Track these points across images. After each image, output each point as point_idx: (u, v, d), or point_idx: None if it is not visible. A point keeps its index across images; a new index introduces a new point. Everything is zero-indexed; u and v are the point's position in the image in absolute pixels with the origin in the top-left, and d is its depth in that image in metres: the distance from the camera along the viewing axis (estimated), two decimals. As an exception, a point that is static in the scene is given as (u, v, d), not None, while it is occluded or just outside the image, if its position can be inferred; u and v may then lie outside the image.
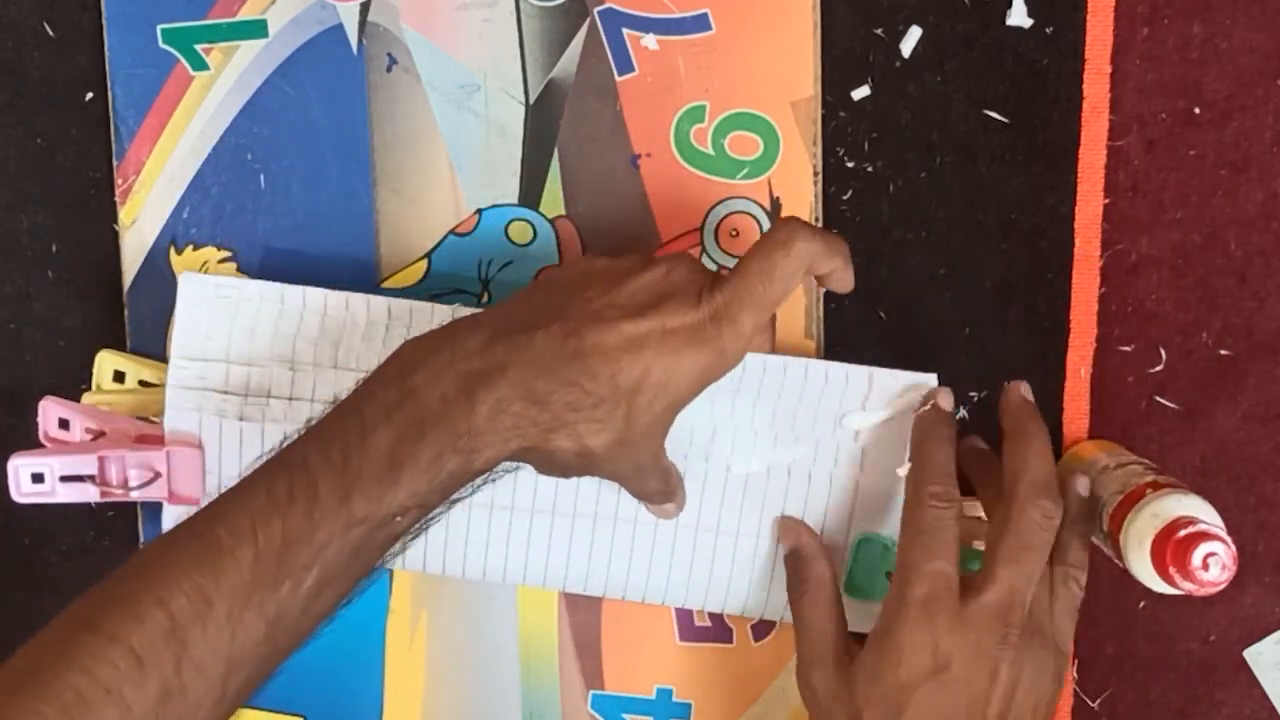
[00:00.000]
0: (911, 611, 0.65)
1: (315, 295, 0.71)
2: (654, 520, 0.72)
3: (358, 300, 0.71)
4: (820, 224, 0.73)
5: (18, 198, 0.75)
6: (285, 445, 0.62)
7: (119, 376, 0.74)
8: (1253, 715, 0.76)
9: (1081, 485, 0.69)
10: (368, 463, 0.59)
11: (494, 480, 0.64)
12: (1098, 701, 0.76)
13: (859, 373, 0.70)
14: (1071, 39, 0.71)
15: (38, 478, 0.69)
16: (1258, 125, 0.72)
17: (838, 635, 0.68)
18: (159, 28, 0.73)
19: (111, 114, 0.73)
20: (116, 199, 0.74)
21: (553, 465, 0.63)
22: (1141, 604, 0.75)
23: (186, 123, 0.73)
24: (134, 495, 0.70)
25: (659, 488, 0.68)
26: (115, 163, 0.74)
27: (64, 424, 0.71)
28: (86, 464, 0.69)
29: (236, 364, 0.71)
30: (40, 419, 0.71)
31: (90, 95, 0.74)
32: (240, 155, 0.74)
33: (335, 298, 0.71)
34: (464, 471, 0.61)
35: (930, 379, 0.70)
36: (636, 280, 0.63)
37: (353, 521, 0.59)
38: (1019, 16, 0.71)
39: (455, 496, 0.62)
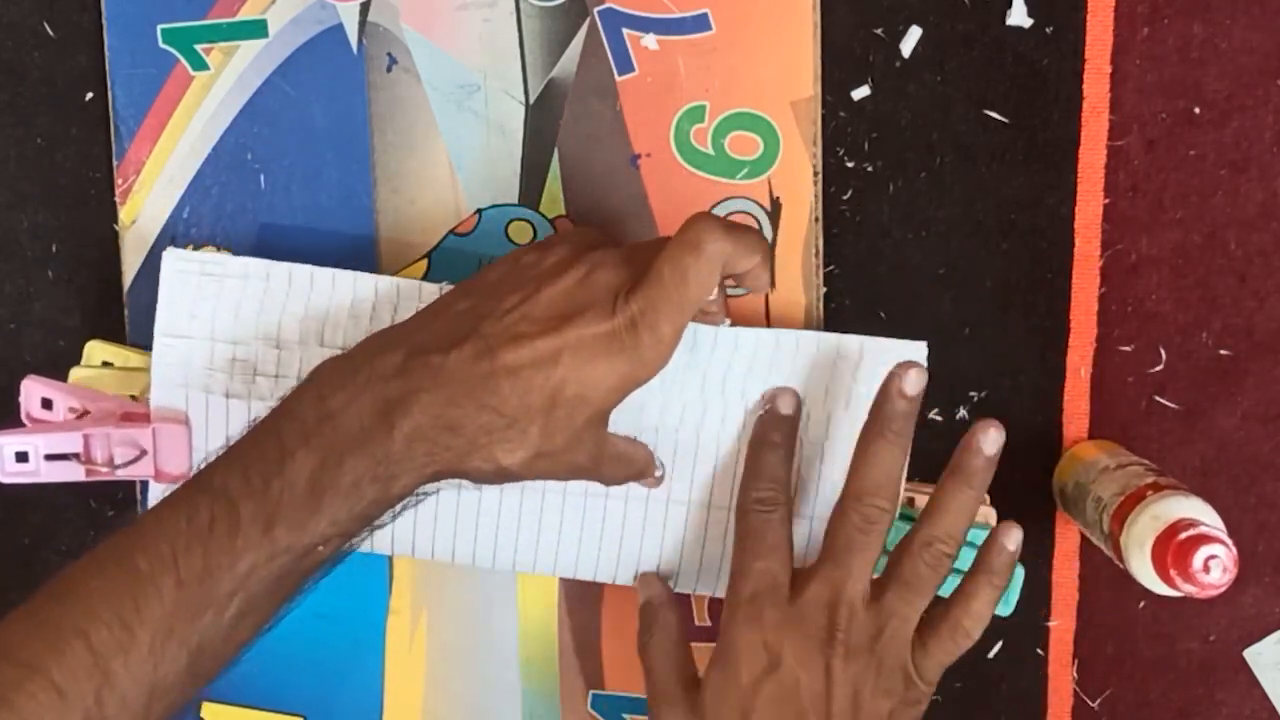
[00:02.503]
0: (740, 612, 0.66)
1: (301, 272, 0.70)
2: (630, 496, 0.72)
3: (344, 278, 0.70)
4: (820, 224, 0.73)
5: (18, 198, 0.75)
6: (203, 467, 0.61)
7: (107, 367, 0.73)
8: (1253, 715, 0.76)
9: (1010, 539, 0.67)
10: (289, 490, 0.59)
11: (414, 506, 0.64)
12: (1098, 701, 0.76)
13: (851, 342, 0.70)
14: (1071, 39, 0.71)
15: (22, 456, 0.68)
16: (1258, 125, 0.72)
17: (682, 672, 0.68)
18: (159, 28, 0.73)
19: (111, 114, 0.73)
20: (116, 199, 0.74)
21: (475, 482, 0.63)
22: (1141, 604, 0.75)
23: (186, 123, 0.73)
24: (120, 474, 0.70)
25: (619, 475, 0.68)
26: (115, 163, 0.74)
27: (47, 404, 0.70)
28: (71, 442, 0.69)
29: (221, 341, 0.70)
30: (23, 398, 0.70)
31: (90, 95, 0.74)
32: (240, 155, 0.74)
33: (322, 275, 0.70)
34: (383, 498, 0.61)
35: (920, 348, 0.70)
36: (554, 287, 0.63)
37: (276, 551, 0.59)
38: (1019, 16, 0.71)
39: (377, 524, 0.62)
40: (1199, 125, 0.72)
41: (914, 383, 0.66)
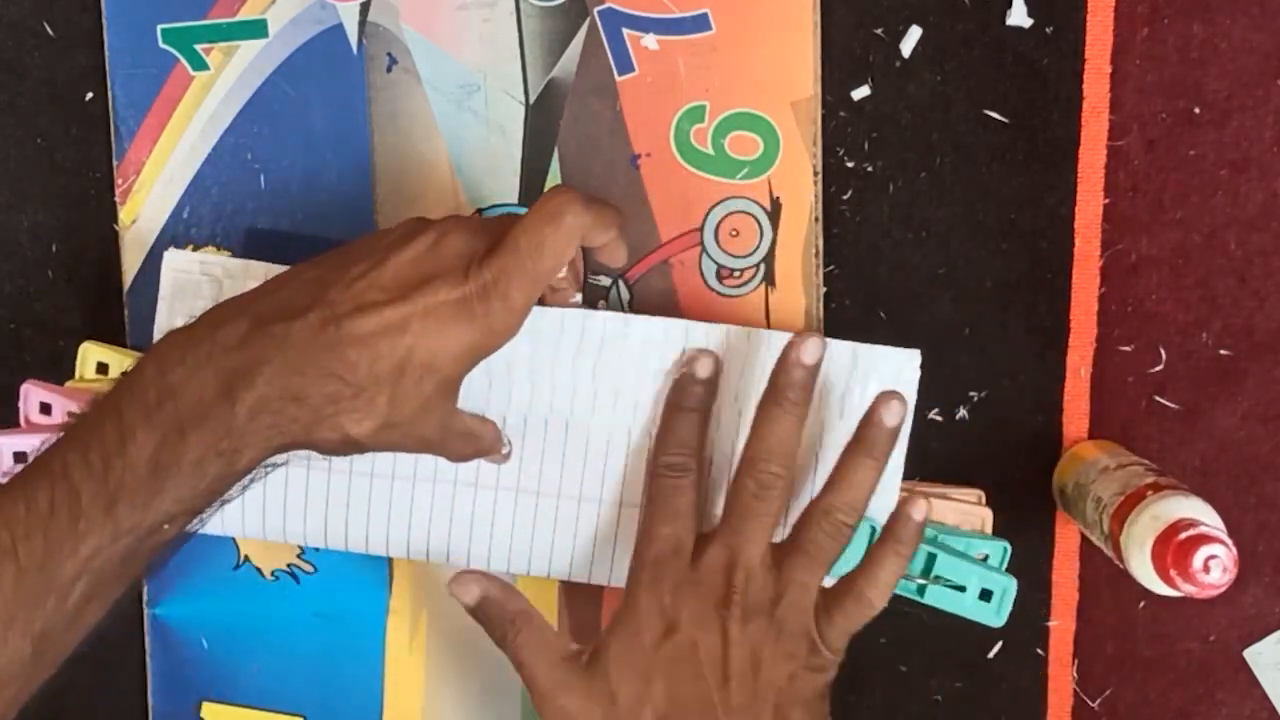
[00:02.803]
0: (643, 576, 0.66)
1: None
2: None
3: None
4: (820, 224, 0.73)
5: (18, 198, 0.75)
6: (45, 449, 0.60)
7: (103, 369, 0.73)
8: (1253, 715, 0.76)
9: (917, 510, 0.66)
10: (130, 470, 0.58)
11: (262, 479, 0.63)
12: (1098, 701, 0.76)
13: (842, 348, 0.70)
14: (1071, 39, 0.71)
15: (20, 457, 0.68)
16: (1258, 125, 0.72)
17: (564, 653, 0.67)
18: (159, 28, 0.73)
19: (111, 114, 0.73)
20: (116, 199, 0.74)
21: (323, 453, 0.63)
22: (1141, 604, 0.75)
23: (186, 123, 0.73)
24: None
25: (465, 451, 0.68)
26: (115, 163, 0.74)
27: (46, 409, 0.70)
28: None
29: None
30: (22, 403, 0.70)
31: (90, 95, 0.74)
32: (240, 155, 0.74)
33: None
34: (228, 473, 0.60)
35: (913, 355, 0.70)
36: (402, 254, 0.62)
37: (119, 532, 0.58)
38: (1019, 16, 0.71)
39: (225, 498, 0.61)
40: (1199, 125, 0.72)
41: (811, 351, 0.66)
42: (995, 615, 0.70)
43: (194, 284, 0.71)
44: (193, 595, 0.76)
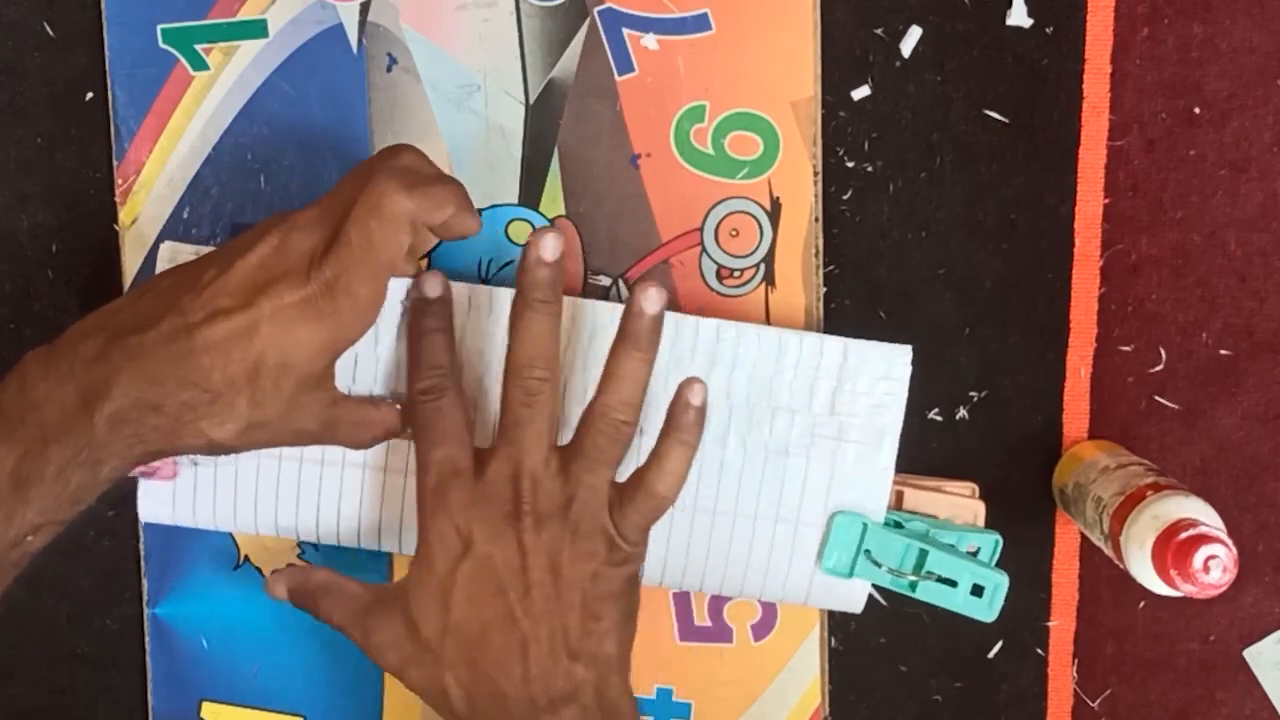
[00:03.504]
0: (428, 502, 0.66)
1: None
2: None
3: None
4: (820, 224, 0.73)
5: (18, 198, 0.75)
6: None
7: None
8: (1253, 715, 0.76)
9: (695, 395, 0.66)
10: None
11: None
12: (1098, 701, 0.76)
13: (834, 344, 0.70)
14: (1071, 39, 0.71)
15: None
16: (1258, 125, 0.72)
17: (366, 599, 0.67)
18: (159, 28, 0.73)
19: (111, 114, 0.73)
20: (116, 199, 0.74)
21: (197, 455, 0.63)
22: (1141, 604, 0.75)
23: (186, 123, 0.73)
24: None
25: (362, 438, 0.68)
26: (115, 163, 0.74)
27: None
28: None
29: None
30: None
31: (90, 95, 0.74)
32: (240, 155, 0.74)
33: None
34: (91, 483, 0.61)
35: (905, 351, 0.70)
36: (248, 259, 0.62)
37: None
38: (1019, 16, 0.71)
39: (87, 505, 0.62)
40: (1199, 125, 0.72)
41: (551, 247, 0.65)
42: (987, 610, 0.70)
43: None
44: (193, 595, 0.76)
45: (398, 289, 0.69)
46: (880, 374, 0.70)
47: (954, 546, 0.71)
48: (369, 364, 0.69)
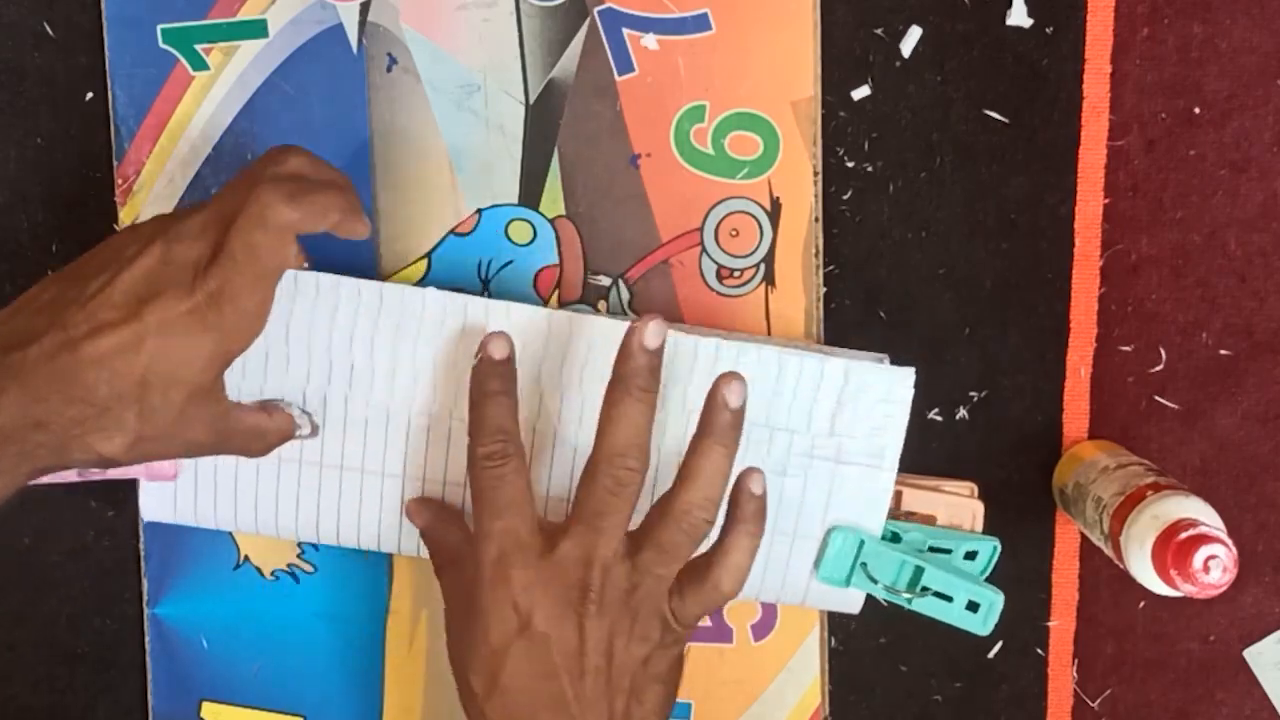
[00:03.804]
0: (487, 574, 0.65)
1: (306, 279, 0.70)
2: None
3: (327, 281, 0.70)
4: (820, 224, 0.73)
5: (18, 198, 0.75)
6: None
7: None
8: (1253, 715, 0.76)
9: (755, 484, 0.66)
10: None
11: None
12: (1098, 701, 0.76)
13: (835, 366, 0.69)
14: (1071, 39, 0.71)
15: None
16: (1258, 125, 0.72)
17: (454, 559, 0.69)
18: (159, 28, 0.73)
19: (111, 114, 0.73)
20: (116, 199, 0.74)
21: (87, 469, 0.63)
22: (1141, 604, 0.75)
23: (186, 123, 0.73)
24: (112, 473, 0.69)
25: (255, 447, 0.68)
26: (115, 163, 0.74)
27: None
28: None
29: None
30: None
31: (90, 95, 0.74)
32: (240, 155, 0.74)
33: (305, 279, 0.70)
34: None
35: (908, 373, 0.69)
36: (133, 270, 0.61)
37: None
38: (1019, 16, 0.71)
39: None
40: (1199, 125, 0.72)
41: (653, 336, 0.64)
42: (982, 625, 0.70)
43: None
44: (193, 595, 0.76)
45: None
46: (881, 396, 0.69)
47: (950, 562, 0.70)
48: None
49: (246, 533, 0.74)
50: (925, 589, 0.70)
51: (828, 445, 0.70)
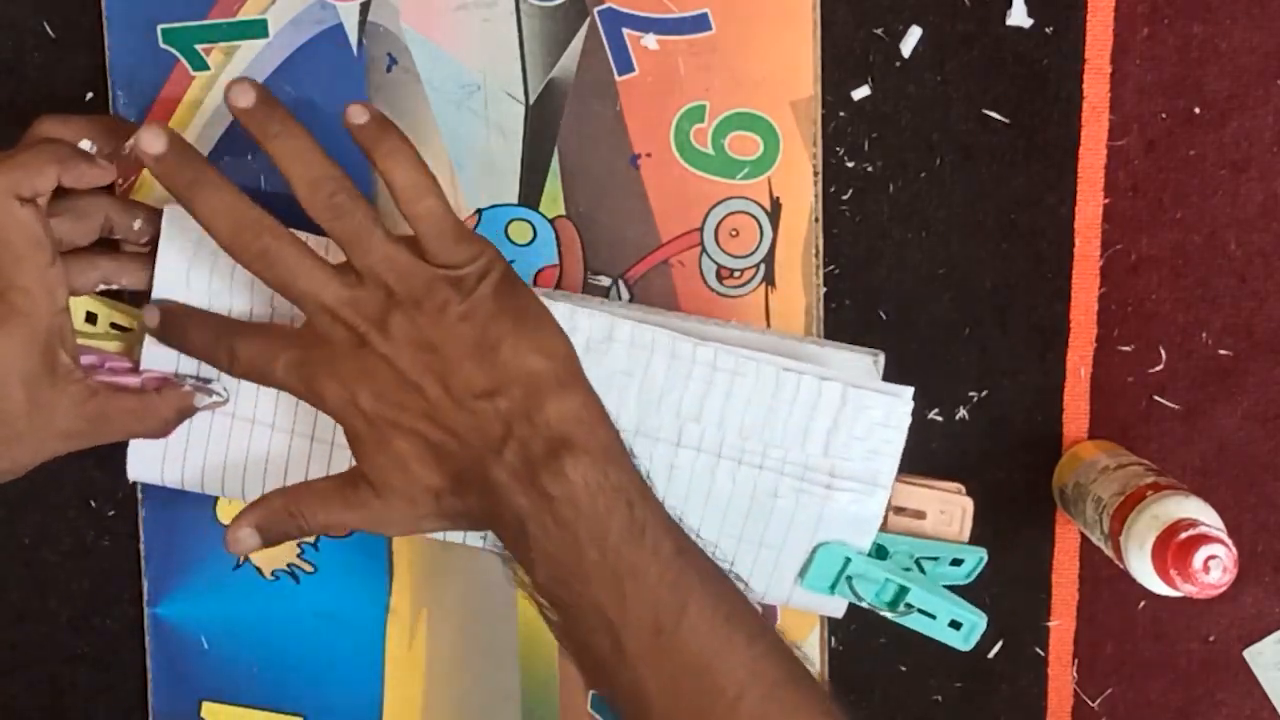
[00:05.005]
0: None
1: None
2: None
3: (338, 251, 0.69)
4: (820, 224, 0.73)
5: (18, 198, 0.75)
6: None
7: (91, 318, 0.71)
8: (1253, 715, 0.76)
9: (354, 114, 0.62)
10: None
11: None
12: (1098, 701, 0.76)
13: (833, 388, 0.68)
14: (1071, 39, 0.71)
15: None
16: (1258, 125, 0.72)
17: (334, 486, 0.66)
18: (159, 28, 0.73)
19: (111, 114, 0.73)
20: (116, 199, 0.74)
21: None
22: (1141, 604, 0.75)
23: (186, 123, 0.73)
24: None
25: (144, 428, 0.67)
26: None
27: None
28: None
29: (217, 308, 0.69)
30: None
31: (90, 95, 0.74)
32: (240, 155, 0.74)
33: (316, 243, 0.69)
34: None
35: (906, 393, 0.68)
36: None
37: None
38: (1019, 16, 0.71)
39: None
40: (1199, 125, 0.72)
41: (241, 95, 0.62)
42: (964, 642, 0.70)
43: (193, 243, 0.68)
44: (193, 595, 0.76)
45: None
46: (878, 420, 0.68)
47: (935, 579, 0.70)
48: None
49: (234, 498, 0.73)
50: (908, 606, 0.69)
51: (822, 465, 0.69)
